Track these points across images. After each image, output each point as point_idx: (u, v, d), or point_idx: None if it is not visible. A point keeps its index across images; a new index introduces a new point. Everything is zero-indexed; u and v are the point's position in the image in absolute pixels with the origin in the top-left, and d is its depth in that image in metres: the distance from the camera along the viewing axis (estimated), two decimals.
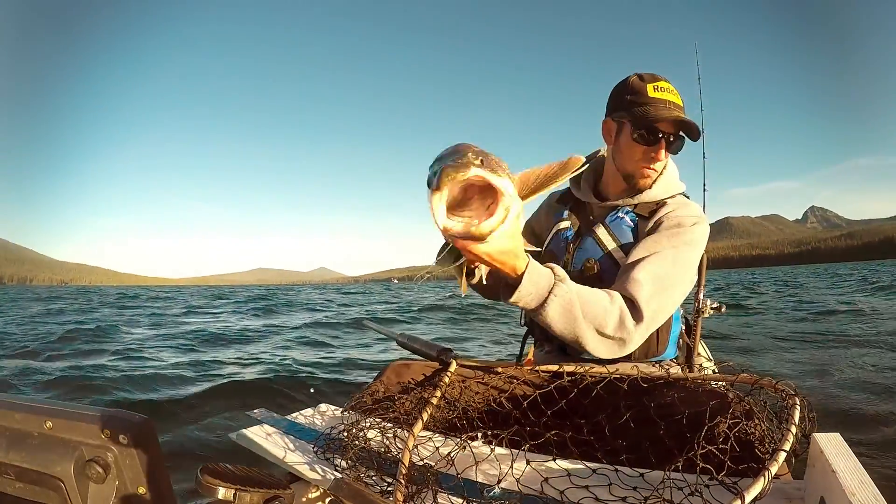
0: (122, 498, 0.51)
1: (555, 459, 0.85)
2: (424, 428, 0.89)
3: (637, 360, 1.12)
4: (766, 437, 0.76)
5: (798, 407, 0.77)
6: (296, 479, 0.92)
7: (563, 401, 0.96)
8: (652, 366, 1.12)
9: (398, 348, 1.32)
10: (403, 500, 0.73)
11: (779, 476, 0.70)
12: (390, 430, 0.94)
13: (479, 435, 0.92)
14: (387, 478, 0.83)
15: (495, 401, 1.05)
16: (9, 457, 0.52)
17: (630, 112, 1.14)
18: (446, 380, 1.01)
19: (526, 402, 0.98)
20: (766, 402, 0.84)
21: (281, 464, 0.95)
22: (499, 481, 0.79)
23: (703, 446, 0.72)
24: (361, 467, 0.86)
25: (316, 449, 0.97)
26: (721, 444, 0.73)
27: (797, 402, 0.79)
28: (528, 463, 0.82)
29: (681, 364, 1.29)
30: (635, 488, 0.75)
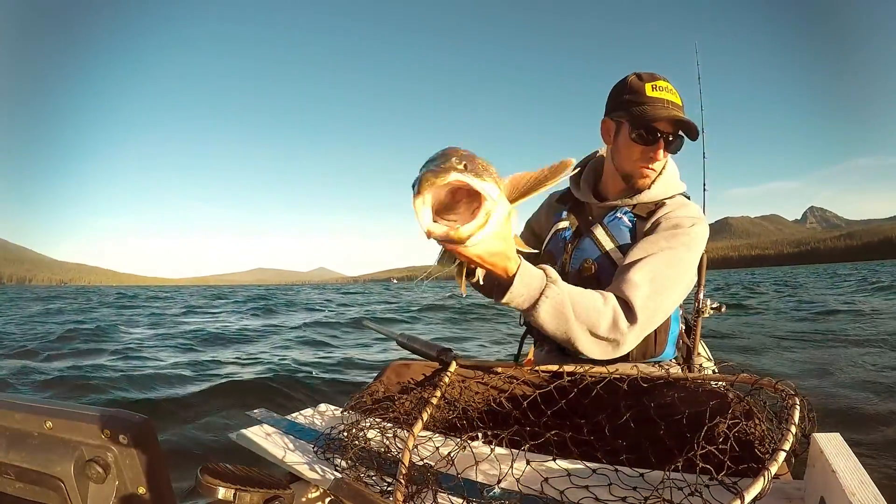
0: (122, 498, 0.51)
1: (555, 459, 0.85)
2: (424, 428, 0.89)
3: (635, 361, 1.12)
4: (765, 437, 0.77)
5: (798, 407, 0.77)
6: (296, 479, 0.92)
7: (563, 401, 0.96)
8: (652, 366, 1.12)
9: (398, 348, 1.32)
10: (403, 500, 0.73)
11: (779, 476, 0.70)
12: (390, 430, 0.94)
13: (479, 435, 0.92)
14: (387, 478, 0.82)
15: (495, 401, 1.05)
16: (9, 457, 0.52)
17: (628, 111, 1.14)
18: (446, 380, 1.01)
19: (526, 402, 0.98)
20: (766, 402, 0.84)
21: (281, 464, 0.95)
22: (499, 481, 0.79)
23: (703, 446, 0.72)
24: (361, 467, 0.86)
25: (316, 449, 0.97)
26: (721, 444, 0.73)
27: (797, 401, 0.79)
28: (528, 463, 0.82)
29: (680, 364, 1.29)
30: (635, 488, 0.75)
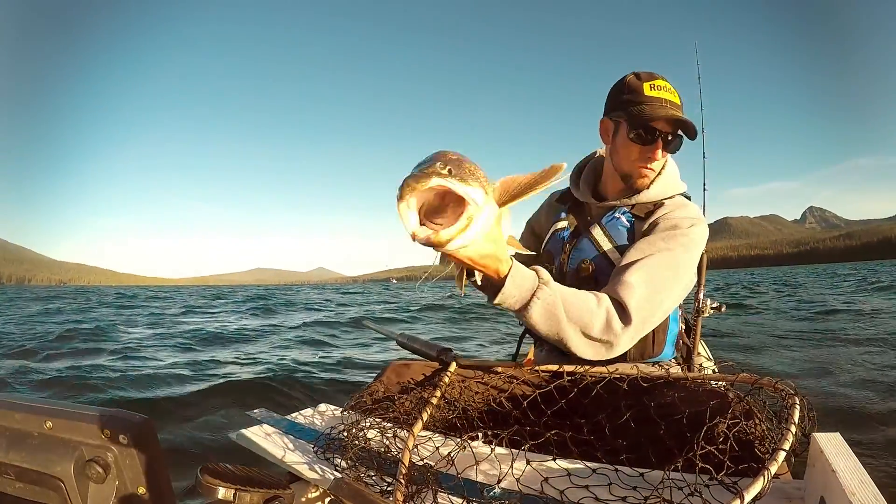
0: (122, 498, 0.51)
1: (555, 459, 0.85)
2: (424, 428, 0.89)
3: (633, 361, 1.11)
4: (765, 437, 0.77)
5: (798, 406, 0.77)
6: (296, 479, 0.92)
7: (563, 401, 0.96)
8: (652, 365, 1.12)
9: (398, 348, 1.32)
10: (403, 500, 0.73)
11: (778, 476, 0.70)
12: (390, 430, 0.94)
13: (479, 435, 0.92)
14: (387, 478, 0.82)
15: (495, 401, 1.05)
16: (9, 457, 0.52)
17: (626, 111, 1.13)
18: (446, 380, 1.01)
19: (526, 401, 0.98)
20: (765, 402, 0.84)
21: (281, 464, 0.95)
22: (499, 481, 0.79)
23: (703, 446, 0.72)
24: (361, 467, 0.86)
25: (316, 449, 0.97)
26: (721, 444, 0.73)
27: (797, 401, 0.79)
28: (528, 463, 0.82)
29: (680, 364, 1.29)
30: (635, 488, 0.75)
